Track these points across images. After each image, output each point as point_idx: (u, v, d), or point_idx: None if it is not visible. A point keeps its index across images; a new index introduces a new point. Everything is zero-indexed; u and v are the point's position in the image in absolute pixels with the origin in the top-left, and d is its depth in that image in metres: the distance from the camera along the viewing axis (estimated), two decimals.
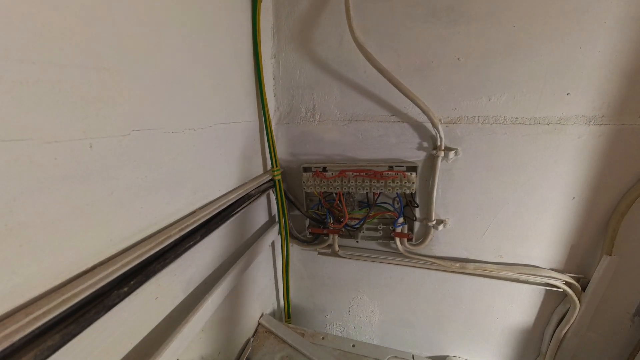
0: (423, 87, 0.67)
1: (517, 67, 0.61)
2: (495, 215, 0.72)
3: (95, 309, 0.33)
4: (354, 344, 0.77)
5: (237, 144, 0.65)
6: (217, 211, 0.56)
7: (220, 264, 0.61)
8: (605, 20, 0.55)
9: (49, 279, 0.31)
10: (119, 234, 0.38)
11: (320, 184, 0.75)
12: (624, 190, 0.62)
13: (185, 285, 0.51)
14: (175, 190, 0.48)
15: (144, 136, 0.41)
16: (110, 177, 0.36)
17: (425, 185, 0.74)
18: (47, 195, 0.30)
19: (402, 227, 0.77)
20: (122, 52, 0.37)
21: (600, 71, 0.57)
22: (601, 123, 0.60)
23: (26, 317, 0.27)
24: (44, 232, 0.30)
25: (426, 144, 0.71)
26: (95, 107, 0.34)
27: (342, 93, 0.74)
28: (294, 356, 0.72)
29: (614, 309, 0.71)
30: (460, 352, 0.91)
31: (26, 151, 0.28)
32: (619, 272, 0.66)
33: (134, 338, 0.41)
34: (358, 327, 1.00)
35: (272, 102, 0.79)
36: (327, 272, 0.94)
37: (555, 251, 0.71)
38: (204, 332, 0.58)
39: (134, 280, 0.38)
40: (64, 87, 0.31)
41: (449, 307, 0.85)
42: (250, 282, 0.78)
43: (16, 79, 0.27)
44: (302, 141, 0.80)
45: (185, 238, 0.47)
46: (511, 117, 0.64)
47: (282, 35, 0.74)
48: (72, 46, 0.31)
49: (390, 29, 0.66)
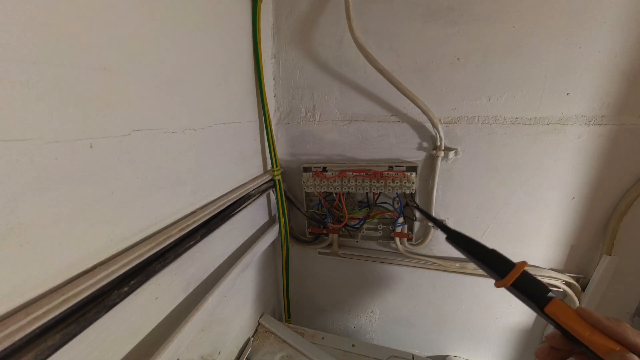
0: (423, 87, 0.67)
1: (517, 67, 0.61)
2: (495, 215, 0.72)
3: (96, 309, 0.33)
4: (354, 344, 0.77)
5: (237, 144, 0.65)
6: (217, 211, 0.56)
7: (221, 263, 0.61)
8: (605, 20, 0.55)
9: (49, 278, 0.31)
10: (119, 234, 0.38)
11: (320, 184, 0.75)
12: (623, 190, 0.62)
13: (186, 285, 0.51)
14: (176, 190, 0.48)
15: (144, 136, 0.41)
16: (110, 177, 0.36)
17: (425, 185, 0.74)
18: (47, 195, 0.30)
19: (402, 227, 0.77)
20: (123, 52, 0.37)
21: (600, 71, 0.57)
22: (601, 123, 0.60)
23: (26, 316, 0.27)
24: (45, 232, 0.30)
25: (426, 144, 0.71)
26: (95, 107, 0.34)
27: (342, 93, 0.74)
28: (294, 356, 0.72)
29: (614, 309, 0.71)
30: (460, 352, 0.91)
31: (27, 151, 0.28)
32: (618, 272, 0.66)
33: (134, 338, 0.41)
34: (358, 327, 1.00)
35: (272, 102, 0.79)
36: (327, 272, 0.94)
37: (555, 251, 0.71)
38: (204, 332, 0.58)
39: (134, 280, 0.38)
40: (64, 87, 0.31)
41: (449, 307, 0.85)
42: (250, 282, 0.78)
43: (16, 79, 0.27)
44: (302, 141, 0.80)
45: (185, 238, 0.47)
46: (511, 117, 0.64)
47: (282, 35, 0.74)
48: (73, 46, 0.31)
49: (390, 29, 0.66)
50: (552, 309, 0.32)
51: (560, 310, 0.31)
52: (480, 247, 0.39)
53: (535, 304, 0.33)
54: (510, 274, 0.35)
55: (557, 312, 0.32)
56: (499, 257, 0.38)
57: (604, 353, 0.28)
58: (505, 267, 0.36)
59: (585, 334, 0.29)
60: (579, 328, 0.30)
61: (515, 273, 0.35)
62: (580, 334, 0.30)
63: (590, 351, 0.29)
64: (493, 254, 0.38)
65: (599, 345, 0.28)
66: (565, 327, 0.31)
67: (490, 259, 0.38)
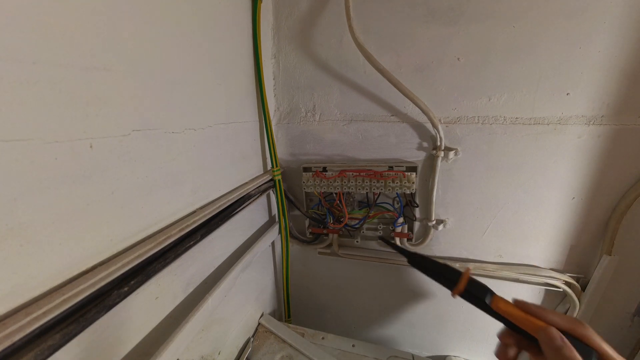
0: (423, 87, 0.67)
1: (517, 67, 0.61)
2: (495, 215, 0.72)
3: (96, 309, 0.33)
4: (354, 344, 0.77)
5: (237, 144, 0.65)
6: (217, 211, 0.56)
7: (221, 263, 0.61)
8: (605, 20, 0.55)
9: (49, 278, 0.31)
10: (119, 234, 0.38)
11: (320, 184, 0.75)
12: (623, 190, 0.62)
13: (186, 285, 0.51)
14: (176, 190, 0.48)
15: (144, 136, 0.41)
16: (110, 177, 0.36)
17: (425, 185, 0.74)
18: (47, 196, 0.30)
19: (402, 227, 0.77)
20: (123, 52, 0.37)
21: (600, 71, 0.57)
22: (601, 123, 0.60)
23: (27, 316, 0.27)
24: (45, 232, 0.30)
25: (426, 144, 0.71)
26: (95, 107, 0.34)
27: (342, 93, 0.74)
28: (294, 356, 0.72)
29: (614, 309, 0.71)
30: (460, 352, 0.91)
31: (27, 151, 0.28)
32: (618, 271, 0.66)
33: (134, 337, 0.42)
34: (358, 327, 1.00)
35: (272, 102, 0.79)
36: (327, 272, 0.94)
37: (555, 251, 0.71)
38: (204, 332, 0.58)
39: (134, 280, 0.38)
40: (64, 87, 0.31)
41: (449, 307, 0.85)
42: (250, 282, 0.78)
43: (16, 79, 0.27)
44: (302, 141, 0.80)
45: (185, 238, 0.47)
46: (511, 117, 0.64)
47: (282, 35, 0.74)
48: (73, 46, 0.31)
49: (390, 29, 0.66)
50: (496, 304, 0.37)
51: (502, 303, 0.37)
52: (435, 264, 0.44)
53: (483, 302, 0.38)
54: (460, 281, 0.40)
55: (500, 306, 0.37)
56: (450, 270, 0.42)
57: (535, 331, 0.34)
58: (456, 277, 0.41)
59: (521, 319, 0.35)
60: (517, 315, 0.36)
61: (464, 279, 0.40)
62: (518, 320, 0.36)
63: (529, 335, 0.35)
64: (445, 268, 0.43)
65: (531, 326, 0.35)
66: (507, 316, 0.36)
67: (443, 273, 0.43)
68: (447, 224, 0.76)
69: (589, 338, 0.33)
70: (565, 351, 0.32)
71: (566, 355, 0.32)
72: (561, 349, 0.32)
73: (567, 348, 0.32)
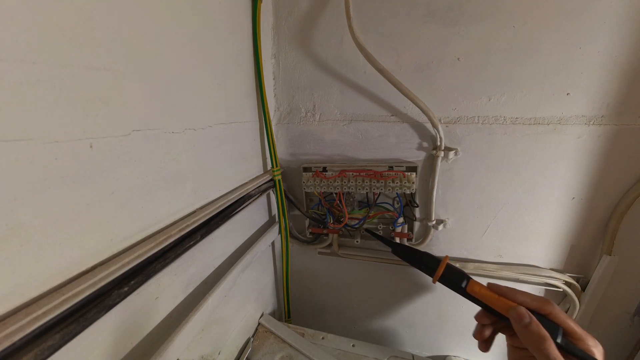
0: (423, 87, 0.67)
1: (517, 67, 0.61)
2: (495, 215, 0.72)
3: (96, 309, 0.33)
4: (354, 344, 0.77)
5: (237, 144, 0.65)
6: (217, 211, 0.56)
7: (221, 263, 0.61)
8: (605, 20, 0.55)
9: (49, 278, 0.31)
10: (119, 234, 0.38)
11: (320, 184, 0.75)
12: (623, 190, 0.62)
13: (186, 285, 0.51)
14: (176, 190, 0.48)
15: (144, 136, 0.41)
16: (110, 177, 0.36)
17: (425, 185, 0.74)
18: (47, 195, 0.30)
19: (402, 226, 0.77)
20: (123, 52, 0.37)
21: (600, 71, 0.57)
22: (601, 123, 0.60)
23: (27, 316, 0.27)
24: (45, 232, 0.30)
25: (426, 144, 0.71)
26: (95, 107, 0.34)
27: (342, 93, 0.74)
28: (294, 356, 0.72)
29: (614, 309, 0.71)
30: (460, 352, 0.91)
31: (27, 151, 0.28)
32: (618, 272, 0.66)
33: (134, 338, 0.42)
34: (358, 327, 1.00)
35: (272, 102, 0.79)
36: (327, 272, 0.94)
37: (555, 251, 0.71)
38: (204, 332, 0.58)
39: (134, 280, 0.38)
40: (64, 87, 0.31)
41: (449, 307, 0.85)
42: (250, 282, 0.78)
43: (16, 79, 0.27)
44: (302, 141, 0.80)
45: (185, 238, 0.47)
46: (511, 117, 0.64)
47: (282, 35, 0.74)
48: (73, 46, 0.31)
49: (390, 29, 0.66)
50: (471, 288, 0.40)
51: (476, 287, 0.40)
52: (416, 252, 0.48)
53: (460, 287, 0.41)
54: (438, 268, 0.43)
55: (475, 289, 0.40)
56: (430, 257, 0.46)
57: (506, 311, 0.38)
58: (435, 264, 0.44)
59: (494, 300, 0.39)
60: (491, 297, 0.39)
61: (442, 266, 0.43)
62: (491, 302, 0.39)
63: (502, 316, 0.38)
64: (426, 256, 0.47)
65: (503, 307, 0.38)
66: (482, 298, 0.39)
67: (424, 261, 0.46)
68: (447, 224, 0.76)
69: (555, 315, 0.36)
70: (533, 327, 0.35)
71: (534, 331, 0.35)
72: (529, 326, 0.35)
73: (534, 324, 0.35)
